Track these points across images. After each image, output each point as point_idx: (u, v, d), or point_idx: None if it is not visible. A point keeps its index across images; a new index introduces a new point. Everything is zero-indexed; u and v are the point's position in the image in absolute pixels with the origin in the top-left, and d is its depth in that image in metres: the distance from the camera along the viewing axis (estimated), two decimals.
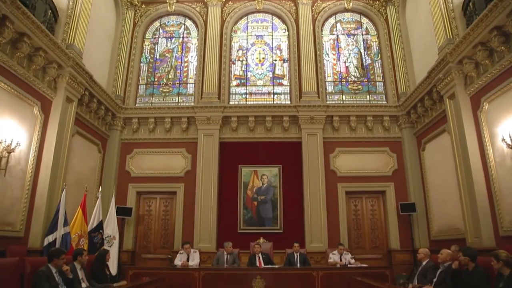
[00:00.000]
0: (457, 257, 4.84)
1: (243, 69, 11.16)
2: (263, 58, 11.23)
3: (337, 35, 11.40)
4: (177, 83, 11.05)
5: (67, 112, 7.84)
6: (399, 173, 9.84)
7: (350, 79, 10.92)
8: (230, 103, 10.59)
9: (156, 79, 11.15)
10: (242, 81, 11.04)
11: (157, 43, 11.55)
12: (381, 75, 10.92)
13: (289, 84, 10.88)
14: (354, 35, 11.41)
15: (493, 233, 6.57)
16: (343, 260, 7.43)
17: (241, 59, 11.26)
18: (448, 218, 8.18)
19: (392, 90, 10.50)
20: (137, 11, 11.50)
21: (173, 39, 11.57)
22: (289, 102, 10.55)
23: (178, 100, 10.85)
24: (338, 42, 11.32)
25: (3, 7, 5.79)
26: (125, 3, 11.18)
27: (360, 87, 10.83)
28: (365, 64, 11.09)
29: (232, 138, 10.20)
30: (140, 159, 10.14)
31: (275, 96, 10.82)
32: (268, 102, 10.61)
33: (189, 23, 11.69)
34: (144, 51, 11.44)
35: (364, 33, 11.42)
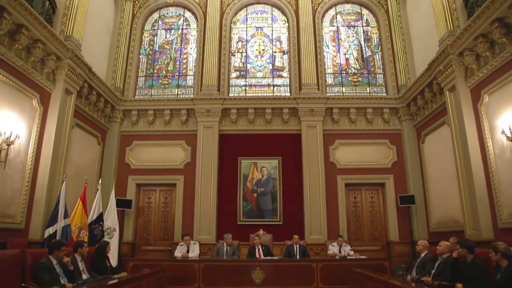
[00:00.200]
0: (456, 249, 4.87)
1: (242, 61, 11.11)
2: (263, 50, 11.17)
3: (337, 27, 11.33)
4: (177, 75, 11.00)
5: (66, 104, 7.82)
6: (398, 165, 9.85)
7: (350, 71, 10.88)
8: (230, 95, 10.56)
9: (155, 71, 11.10)
10: (242, 73, 10.99)
11: (156, 35, 11.47)
12: (381, 67, 10.87)
13: (288, 76, 10.84)
14: (354, 26, 11.34)
15: (491, 225, 6.60)
16: (342, 252, 7.48)
17: (240, 51, 11.20)
18: (447, 210, 8.21)
19: (392, 82, 10.47)
20: (136, 2, 11.40)
21: (172, 31, 11.49)
22: (288, 94, 10.52)
23: (178, 92, 10.81)
24: (338, 34, 11.25)
25: None
26: None
27: (360, 79, 10.79)
28: (365, 56, 11.04)
29: (231, 130, 10.19)
30: (139, 151, 10.15)
31: (275, 88, 10.78)
32: (267, 94, 10.58)
33: (188, 14, 11.60)
34: (143, 43, 11.37)
35: (364, 24, 11.35)
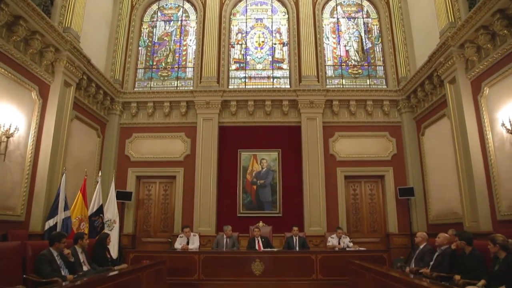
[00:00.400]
0: (454, 241, 4.90)
1: (242, 52, 11.05)
2: (263, 42, 11.11)
3: (337, 18, 11.24)
4: (176, 67, 10.95)
5: (66, 97, 7.79)
6: (398, 157, 9.86)
7: (350, 63, 10.83)
8: (230, 87, 10.53)
9: (154, 63, 11.05)
10: (242, 65, 10.94)
11: (155, 27, 11.39)
12: (381, 59, 10.82)
13: (288, 68, 10.79)
14: (354, 18, 11.25)
15: (490, 218, 6.62)
16: (341, 244, 7.52)
17: (240, 42, 11.14)
18: (446, 203, 8.23)
19: (392, 75, 10.43)
20: None
21: (171, 22, 11.41)
22: (288, 86, 10.49)
23: (177, 84, 10.77)
24: (338, 26, 11.18)
25: None
26: None
27: (360, 71, 10.75)
28: (365, 48, 10.98)
29: (231, 122, 10.18)
30: (139, 143, 10.14)
31: (275, 80, 10.74)
32: (267, 86, 10.54)
33: (187, 5, 11.51)
34: (142, 34, 11.30)
35: (364, 16, 11.27)
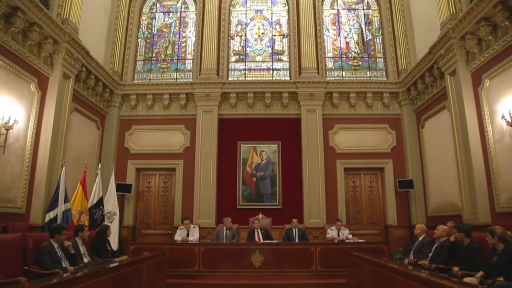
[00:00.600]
0: (453, 233, 4.92)
1: (242, 44, 10.99)
2: (262, 34, 11.05)
3: (337, 10, 11.16)
4: (175, 59, 10.90)
5: (65, 89, 7.77)
6: (398, 150, 9.86)
7: (350, 55, 10.78)
8: (229, 79, 10.49)
9: (154, 55, 10.99)
10: (241, 56, 10.89)
11: (155, 18, 11.31)
12: (381, 51, 10.77)
13: (288, 60, 10.74)
14: (355, 9, 11.18)
15: (489, 210, 6.65)
16: (340, 236, 7.55)
17: (240, 34, 11.07)
18: (445, 195, 8.26)
19: (392, 67, 10.39)
20: None
21: (170, 14, 11.33)
22: (288, 78, 10.45)
23: (177, 76, 10.73)
24: (338, 17, 11.10)
25: None
26: None
27: (360, 63, 10.70)
28: (365, 40, 10.92)
29: (231, 115, 10.16)
30: (139, 135, 10.14)
31: (275, 72, 10.70)
32: (267, 78, 10.50)
33: None
34: (141, 26, 11.22)
35: (365, 7, 11.19)
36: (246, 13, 11.22)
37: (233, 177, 9.78)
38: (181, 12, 11.31)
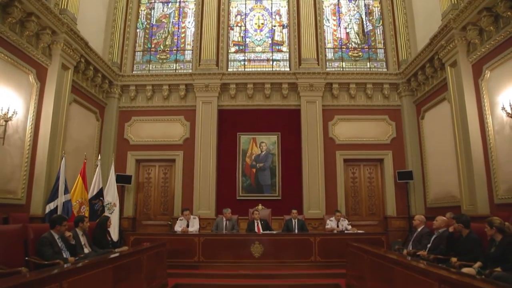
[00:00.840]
0: (452, 224, 4.94)
1: (241, 35, 10.92)
2: (262, 24, 10.96)
3: (338, 0, 11.06)
4: (175, 50, 10.83)
5: (64, 80, 7.73)
6: (397, 141, 9.86)
7: (350, 45, 10.71)
8: (229, 70, 10.44)
9: (153, 46, 10.92)
10: (241, 47, 10.83)
11: (153, 8, 11.21)
12: (382, 41, 10.70)
13: (288, 50, 10.68)
14: (355, 0, 11.08)
15: (488, 201, 6.67)
16: (340, 227, 7.59)
17: (239, 24, 10.99)
18: (444, 186, 8.28)
19: (393, 58, 10.34)
20: None
21: (169, 4, 11.23)
22: (288, 69, 10.40)
23: (176, 67, 10.68)
24: (339, 7, 11.00)
25: None
26: None
27: (360, 54, 10.64)
28: (366, 31, 10.84)
29: (230, 106, 10.14)
30: (138, 127, 10.12)
31: (274, 63, 10.65)
32: (267, 69, 10.46)
33: None
34: (140, 16, 11.13)
35: None
36: (245, 3, 11.13)
37: (232, 168, 9.79)
38: (180, 2, 11.21)
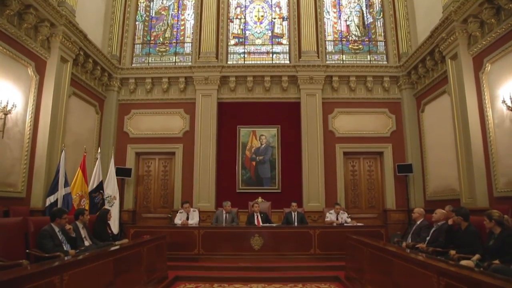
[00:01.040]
0: (451, 217, 4.96)
1: (241, 27, 10.85)
2: (262, 16, 10.89)
3: None
4: (174, 42, 10.78)
5: (63, 73, 7.70)
6: (397, 134, 9.86)
7: (350, 38, 10.66)
8: (228, 62, 10.40)
9: (152, 38, 10.86)
10: (240, 40, 10.77)
11: (152, 1, 11.11)
12: (382, 34, 10.64)
13: (288, 43, 10.63)
14: None
15: (487, 194, 6.69)
16: (339, 219, 7.62)
17: (239, 17, 10.92)
18: (444, 179, 8.30)
19: (393, 50, 10.29)
20: None
21: None
22: (288, 62, 10.36)
23: (175, 59, 10.63)
24: (339, 0, 10.93)
25: None
26: None
27: (360, 46, 10.59)
28: (366, 23, 10.78)
29: (230, 99, 10.12)
30: (138, 120, 10.11)
31: (274, 55, 10.60)
32: (266, 62, 10.41)
33: None
34: (139, 8, 11.04)
35: None
36: None
37: (232, 161, 9.80)
38: None
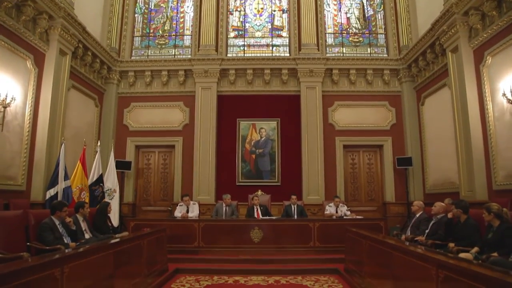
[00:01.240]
0: (450, 210, 4.97)
1: (241, 20, 10.78)
2: (262, 9, 10.82)
3: None
4: (173, 35, 10.72)
5: (62, 65, 7.67)
6: (397, 127, 9.85)
7: (351, 31, 10.60)
8: (228, 55, 10.36)
9: (151, 31, 10.80)
10: (240, 32, 10.71)
11: None
12: (383, 27, 10.58)
13: (288, 35, 10.57)
14: None
15: (486, 187, 6.71)
16: (339, 212, 7.65)
17: (239, 9, 10.85)
18: (443, 172, 8.31)
19: (393, 43, 10.24)
20: None
21: None
22: (288, 55, 10.32)
23: (175, 52, 10.58)
24: None
25: None
26: None
27: (361, 39, 10.54)
28: (367, 15, 10.71)
29: (230, 91, 10.09)
30: (137, 113, 10.09)
31: (274, 48, 10.55)
32: (266, 55, 10.37)
33: None
34: (138, 1, 10.95)
35: None
36: None
37: (232, 154, 9.80)
38: None
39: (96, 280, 3.44)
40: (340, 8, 10.73)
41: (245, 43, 10.61)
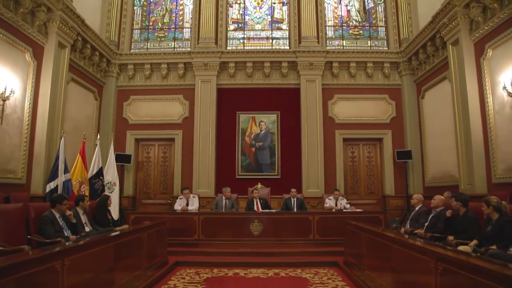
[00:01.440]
0: (450, 203, 4.98)
1: (240, 12, 10.72)
2: (262, 1, 10.74)
3: None
4: (173, 28, 10.66)
5: (61, 58, 7.64)
6: (397, 120, 9.84)
7: (351, 23, 10.54)
8: (228, 48, 10.31)
9: (150, 24, 10.73)
10: (240, 25, 10.65)
11: None
12: (383, 19, 10.52)
13: (288, 28, 10.52)
14: None
15: (485, 180, 6.72)
16: (338, 205, 7.66)
17: (238, 1, 10.77)
18: (443, 166, 8.32)
19: (394, 36, 10.19)
20: None
21: None
22: (288, 48, 10.27)
23: (174, 45, 10.53)
24: None
25: None
26: None
27: (361, 32, 10.48)
28: (367, 8, 10.65)
29: (229, 84, 10.06)
30: (137, 106, 10.07)
31: (274, 41, 10.50)
32: (266, 48, 10.32)
33: None
34: None
35: None
36: None
37: (232, 147, 9.80)
38: None
39: (96, 272, 3.46)
40: (341, 0, 10.66)
41: (245, 36, 10.56)
